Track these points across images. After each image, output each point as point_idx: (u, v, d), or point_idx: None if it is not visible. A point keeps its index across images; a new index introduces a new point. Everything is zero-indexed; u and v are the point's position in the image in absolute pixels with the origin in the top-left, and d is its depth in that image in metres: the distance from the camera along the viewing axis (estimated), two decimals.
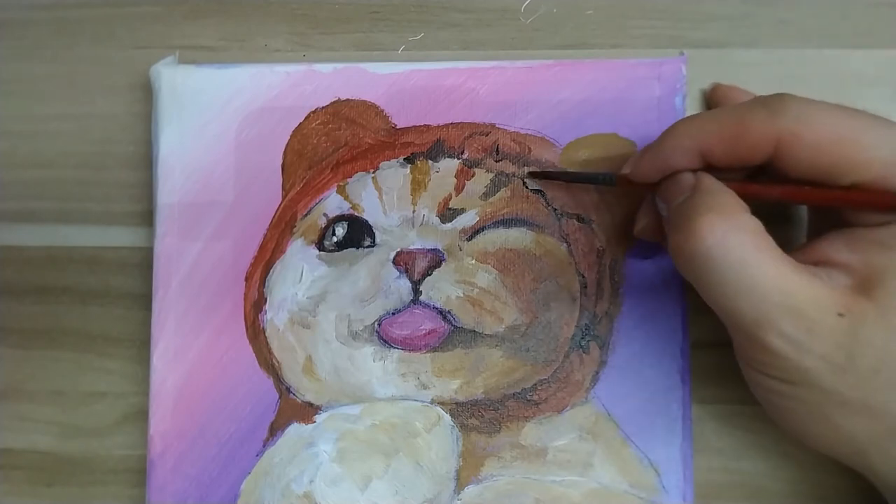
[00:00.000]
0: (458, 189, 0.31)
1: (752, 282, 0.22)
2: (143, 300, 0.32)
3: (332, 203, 0.32)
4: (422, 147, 0.32)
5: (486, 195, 0.31)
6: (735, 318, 0.23)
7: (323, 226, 0.32)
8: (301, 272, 0.32)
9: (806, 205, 0.26)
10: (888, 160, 0.22)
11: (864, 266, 0.23)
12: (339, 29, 0.33)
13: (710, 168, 0.25)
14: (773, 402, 0.24)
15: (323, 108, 0.32)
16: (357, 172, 0.32)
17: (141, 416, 0.32)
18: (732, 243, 0.22)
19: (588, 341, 0.31)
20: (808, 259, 0.24)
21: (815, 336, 0.22)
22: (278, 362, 0.31)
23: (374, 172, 0.32)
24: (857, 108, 0.23)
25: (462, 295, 0.31)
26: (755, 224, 0.23)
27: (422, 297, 0.31)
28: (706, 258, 0.22)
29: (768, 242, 0.23)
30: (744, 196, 0.24)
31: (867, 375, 0.22)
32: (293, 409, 0.31)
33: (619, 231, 0.31)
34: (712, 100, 0.31)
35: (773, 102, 0.23)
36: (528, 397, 0.31)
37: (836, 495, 0.30)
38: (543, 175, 0.31)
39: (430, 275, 0.31)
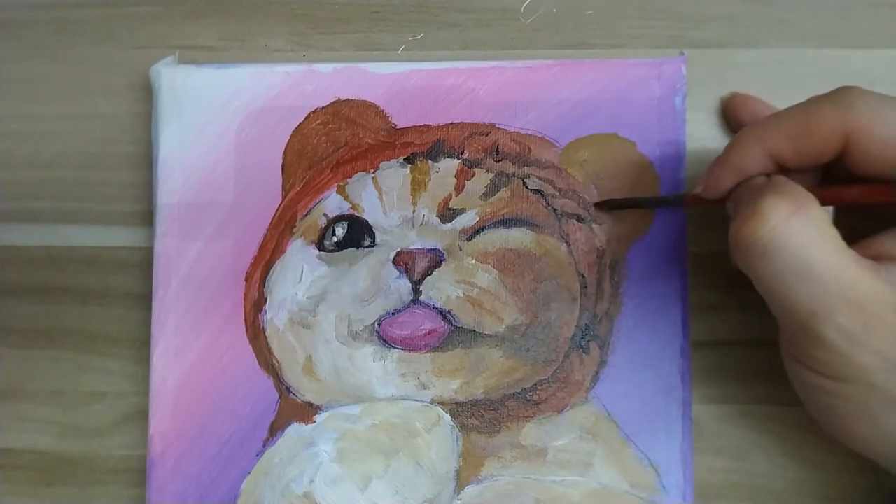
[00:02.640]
0: (458, 189, 0.31)
1: (814, 269, 0.22)
2: (143, 300, 0.32)
3: (332, 203, 0.32)
4: (422, 147, 0.32)
5: (486, 195, 0.31)
6: (791, 307, 0.22)
7: (323, 226, 0.32)
8: (301, 272, 0.32)
9: (882, 205, 0.26)
10: None
11: None
12: (339, 29, 0.33)
13: (783, 171, 0.25)
14: (818, 401, 0.24)
15: (323, 108, 0.32)
16: (357, 172, 0.32)
17: (141, 416, 0.32)
18: (796, 227, 0.22)
19: (588, 341, 0.31)
20: (868, 254, 0.23)
21: (872, 331, 0.22)
22: (278, 362, 0.31)
23: (374, 172, 0.32)
24: None
25: (462, 295, 0.31)
26: (822, 214, 0.22)
27: (422, 297, 0.31)
28: (767, 240, 0.22)
29: (833, 232, 0.22)
30: (819, 199, 0.23)
31: None
32: (293, 409, 0.31)
33: (619, 231, 0.31)
34: (729, 108, 0.31)
35: (841, 96, 0.23)
36: (528, 397, 0.31)
37: (837, 495, 0.30)
38: (609, 204, 0.31)
39: (430, 275, 0.31)
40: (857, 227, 0.26)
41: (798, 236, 0.22)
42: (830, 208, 0.29)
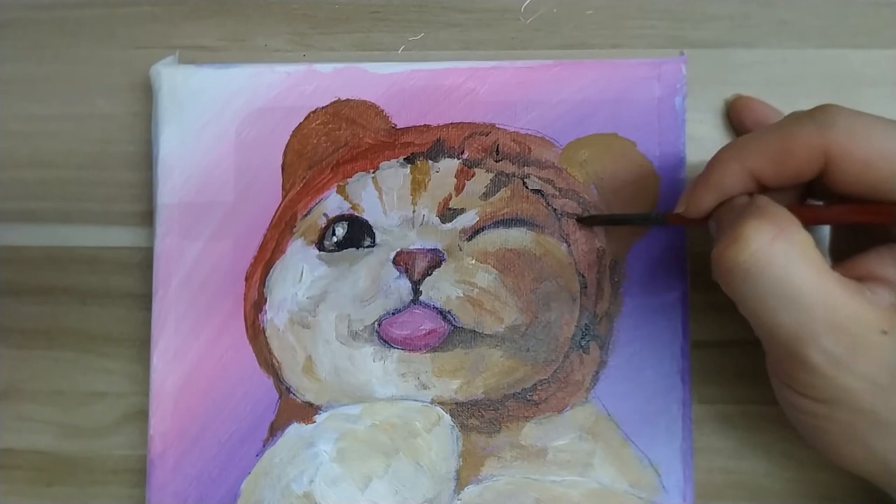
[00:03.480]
0: (458, 189, 0.31)
1: (796, 293, 0.21)
2: (143, 300, 0.32)
3: (332, 203, 0.32)
4: (422, 147, 0.32)
5: (486, 195, 0.31)
6: (775, 331, 0.22)
7: (323, 226, 0.32)
8: (301, 272, 0.32)
9: (864, 224, 0.26)
10: None
11: None
12: (339, 29, 0.33)
13: (763, 189, 0.24)
14: (806, 423, 0.24)
15: (323, 108, 0.32)
16: (357, 172, 0.32)
17: (141, 416, 0.32)
18: (778, 251, 0.22)
19: (588, 341, 0.31)
20: (853, 274, 0.23)
21: (857, 354, 0.21)
22: (278, 362, 0.31)
23: (374, 172, 0.32)
24: None
25: (462, 295, 0.31)
26: (804, 236, 0.22)
27: (422, 297, 0.31)
28: (749, 264, 0.22)
29: (816, 255, 0.22)
30: (801, 219, 0.23)
31: None
32: (293, 409, 0.31)
33: (619, 231, 0.31)
34: (733, 110, 0.31)
35: (820, 115, 0.23)
36: (528, 397, 0.31)
37: (837, 495, 0.30)
38: (592, 220, 0.31)
39: (430, 275, 0.31)
40: (854, 242, 0.25)
41: (780, 261, 0.22)
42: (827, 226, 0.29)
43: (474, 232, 0.31)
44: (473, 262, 0.31)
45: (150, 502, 0.31)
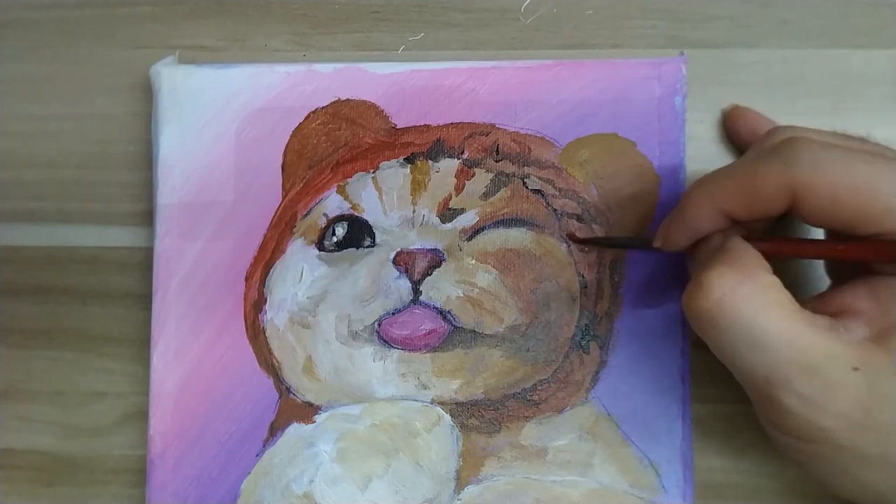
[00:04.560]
0: (458, 189, 0.31)
1: (763, 338, 0.21)
2: (143, 300, 0.32)
3: (332, 203, 0.32)
4: (422, 147, 0.32)
5: (486, 195, 0.31)
6: (747, 374, 0.22)
7: (323, 226, 0.32)
8: (301, 272, 0.32)
9: (838, 260, 0.26)
10: None
11: (882, 316, 0.22)
12: (339, 29, 0.33)
13: (738, 223, 0.24)
14: (793, 458, 0.24)
15: (323, 108, 0.32)
16: (357, 172, 0.32)
17: (141, 416, 0.32)
18: (741, 297, 0.22)
19: (588, 341, 0.31)
20: (829, 308, 0.23)
21: (830, 394, 0.21)
22: (278, 362, 0.31)
23: (374, 172, 0.32)
24: (873, 150, 0.22)
25: (462, 295, 0.31)
26: (770, 280, 0.22)
27: (422, 297, 0.31)
28: (714, 312, 0.22)
29: (782, 297, 0.22)
30: (775, 254, 0.23)
31: (886, 430, 0.21)
32: (293, 409, 0.31)
33: (620, 232, 0.31)
34: (729, 120, 0.31)
35: (784, 151, 0.22)
36: (528, 397, 0.31)
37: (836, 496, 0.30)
38: (582, 240, 0.31)
39: (430, 275, 0.31)
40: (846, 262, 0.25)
41: (744, 306, 0.22)
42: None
43: (474, 232, 0.31)
44: (473, 262, 0.31)
45: (150, 502, 0.31)
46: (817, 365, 0.21)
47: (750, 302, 0.22)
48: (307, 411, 0.31)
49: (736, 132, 0.31)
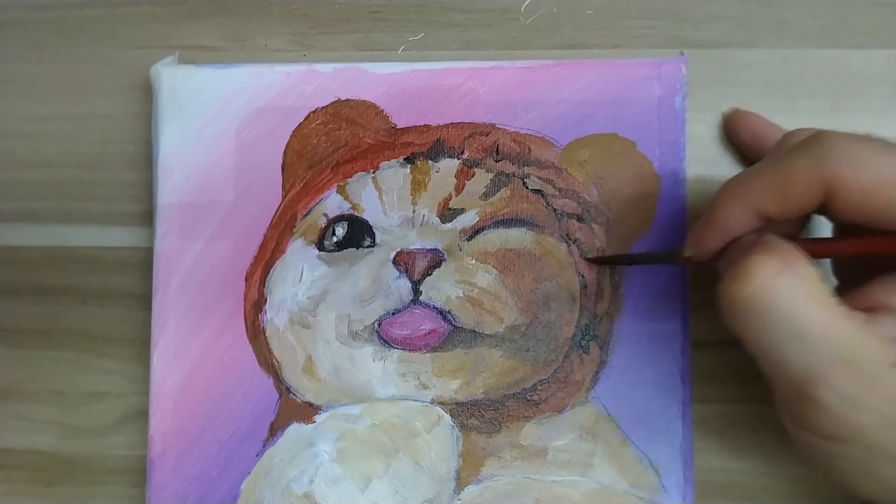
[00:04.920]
0: (458, 189, 0.31)
1: (802, 329, 0.21)
2: (143, 300, 0.32)
3: (332, 203, 0.32)
4: (422, 147, 0.32)
5: (486, 195, 0.31)
6: (782, 369, 0.22)
7: (323, 226, 0.32)
8: (301, 272, 0.32)
9: (877, 255, 0.25)
10: None
11: None
12: (339, 29, 0.33)
13: (769, 223, 0.24)
14: (816, 458, 0.23)
15: (323, 108, 0.32)
16: (357, 172, 0.32)
17: (141, 416, 0.32)
18: (782, 286, 0.21)
19: (588, 341, 0.31)
20: (861, 305, 0.23)
21: (870, 390, 0.21)
22: (278, 362, 0.31)
23: (374, 172, 0.32)
24: None
25: (462, 295, 0.31)
26: (811, 270, 0.22)
27: (422, 297, 0.31)
28: (752, 300, 0.21)
29: (822, 289, 0.22)
30: (810, 253, 0.23)
31: None
32: (293, 409, 0.31)
33: (620, 231, 0.31)
34: (730, 124, 0.31)
35: (816, 146, 0.22)
36: (528, 397, 0.31)
37: (837, 495, 0.30)
38: (601, 261, 0.31)
39: (430, 275, 0.31)
40: (859, 267, 0.25)
41: (785, 295, 0.21)
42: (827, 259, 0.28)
43: (474, 232, 0.31)
44: (473, 262, 0.31)
45: (150, 502, 0.31)
46: (856, 359, 0.21)
47: (791, 290, 0.21)
48: (307, 411, 0.31)
49: (737, 135, 0.31)
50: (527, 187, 0.31)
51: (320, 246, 0.32)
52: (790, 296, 0.21)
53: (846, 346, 0.21)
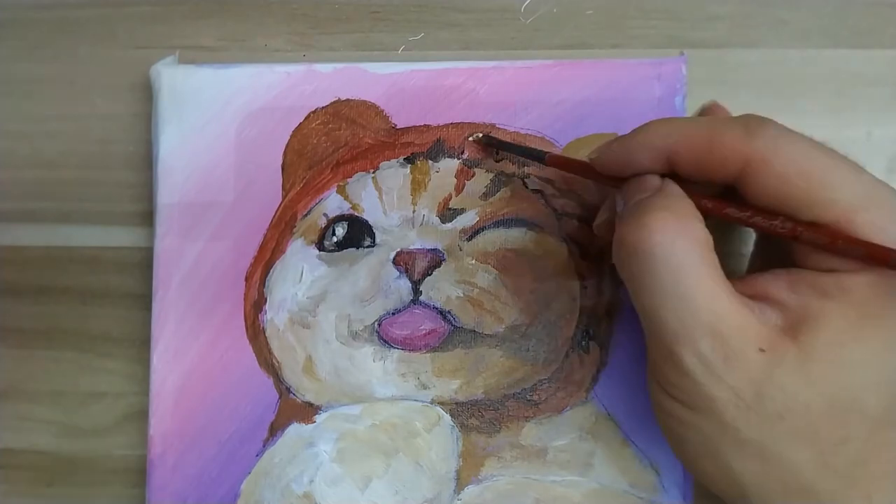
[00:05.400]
0: (458, 189, 0.31)
1: (686, 292, 0.22)
2: (143, 300, 0.32)
3: (332, 203, 0.32)
4: (422, 147, 0.32)
5: (486, 195, 0.31)
6: (658, 325, 0.22)
7: (323, 226, 0.32)
8: (301, 272, 0.32)
9: (763, 232, 0.26)
10: (852, 203, 0.22)
11: (798, 308, 0.22)
12: (339, 29, 0.33)
13: (675, 177, 0.24)
14: (671, 428, 0.24)
15: (323, 108, 0.32)
16: (357, 172, 0.32)
17: (141, 416, 0.32)
18: (678, 247, 0.22)
19: (588, 341, 0.31)
20: (747, 291, 0.23)
21: (729, 365, 0.21)
22: (278, 362, 0.31)
23: (374, 172, 0.32)
24: (833, 149, 0.22)
25: (462, 295, 0.31)
26: (706, 237, 0.22)
27: (422, 297, 0.31)
28: (648, 255, 0.22)
29: (713, 259, 0.22)
30: (710, 213, 0.24)
31: (770, 419, 0.21)
32: (293, 409, 0.31)
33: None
34: (702, 114, 0.31)
35: (752, 124, 0.23)
36: (528, 397, 0.31)
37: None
38: (490, 140, 0.31)
39: (430, 275, 0.31)
40: (769, 263, 0.25)
41: (678, 257, 0.22)
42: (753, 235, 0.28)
43: (474, 232, 0.31)
44: (473, 262, 0.31)
45: (150, 502, 0.31)
46: (727, 333, 0.21)
47: (685, 255, 0.22)
48: (307, 411, 0.31)
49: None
50: (527, 187, 0.31)
51: (320, 246, 0.32)
52: (683, 257, 0.22)
53: (722, 318, 0.21)
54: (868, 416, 0.21)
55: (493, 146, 0.31)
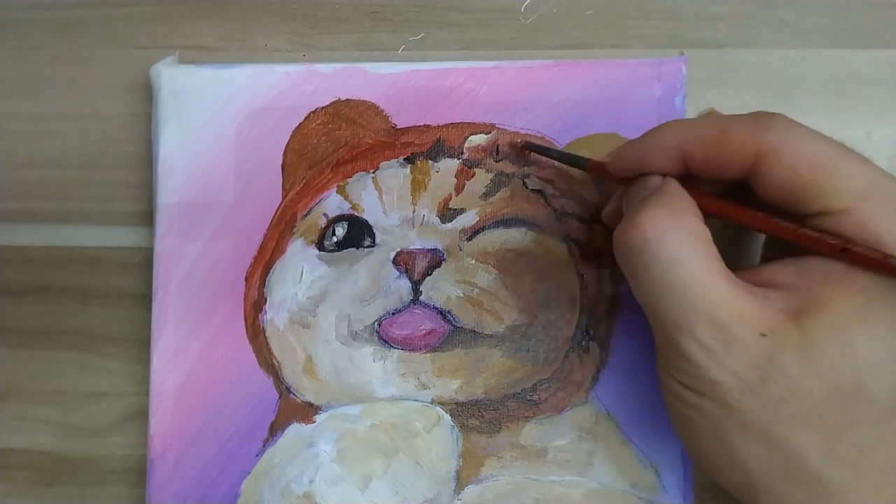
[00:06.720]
0: (458, 189, 0.31)
1: (681, 284, 0.22)
2: (143, 300, 0.32)
3: (332, 203, 0.32)
4: (422, 147, 0.32)
5: (486, 195, 0.31)
6: (658, 317, 0.23)
7: (323, 226, 0.32)
8: (301, 272, 0.32)
9: (765, 233, 0.26)
10: (859, 193, 0.22)
11: (805, 293, 0.22)
12: (339, 29, 0.33)
13: (690, 177, 0.25)
14: (680, 413, 0.24)
15: (323, 108, 0.32)
16: (357, 172, 0.32)
17: (141, 416, 0.32)
18: (671, 241, 0.22)
19: (588, 341, 0.31)
20: (755, 279, 0.23)
21: (730, 350, 0.22)
22: (278, 362, 0.31)
23: (374, 172, 0.32)
24: (841, 142, 0.23)
25: (462, 295, 0.31)
26: (701, 230, 0.23)
27: (422, 297, 0.31)
28: (641, 251, 0.23)
29: (709, 250, 0.23)
30: (712, 211, 0.24)
31: (774, 403, 0.21)
32: (293, 409, 0.31)
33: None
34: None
35: (762, 117, 0.23)
36: (528, 397, 0.31)
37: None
38: (532, 147, 0.31)
39: (430, 275, 0.31)
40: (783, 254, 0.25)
41: (671, 251, 0.22)
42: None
43: (474, 232, 0.31)
44: (473, 262, 0.31)
45: (150, 502, 0.31)
46: (726, 321, 0.22)
47: (678, 248, 0.22)
48: (307, 411, 0.31)
49: None
50: (527, 187, 0.31)
51: (320, 246, 0.32)
52: (676, 253, 0.22)
53: (720, 306, 0.22)
54: (875, 402, 0.21)
55: (536, 152, 0.31)
